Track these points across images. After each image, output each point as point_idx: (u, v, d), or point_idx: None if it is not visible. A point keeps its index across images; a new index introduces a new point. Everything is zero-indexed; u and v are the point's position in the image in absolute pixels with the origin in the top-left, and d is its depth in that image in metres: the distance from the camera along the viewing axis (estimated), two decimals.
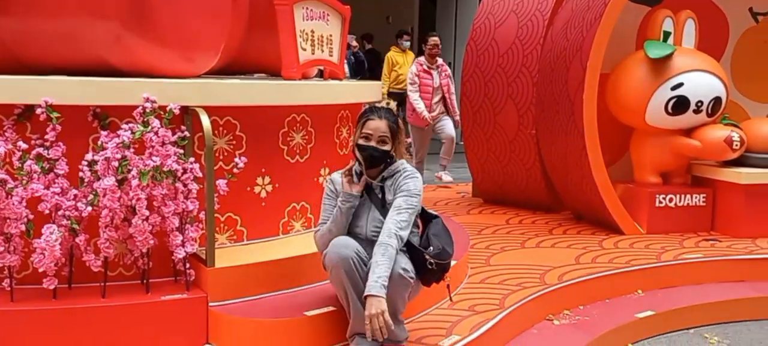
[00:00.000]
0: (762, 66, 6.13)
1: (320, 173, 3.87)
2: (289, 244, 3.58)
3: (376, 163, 3.02)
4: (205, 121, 3.04)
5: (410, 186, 2.99)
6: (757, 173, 5.26)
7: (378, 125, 3.00)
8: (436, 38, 7.25)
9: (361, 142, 3.01)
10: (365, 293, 2.76)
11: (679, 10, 5.36)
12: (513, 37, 5.99)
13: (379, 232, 2.93)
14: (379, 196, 3.04)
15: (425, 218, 3.19)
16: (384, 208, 3.02)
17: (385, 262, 2.80)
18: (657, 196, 5.38)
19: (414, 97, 7.14)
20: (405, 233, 2.89)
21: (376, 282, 2.76)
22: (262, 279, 3.25)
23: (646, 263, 4.63)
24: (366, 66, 10.98)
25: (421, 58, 7.27)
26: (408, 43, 10.23)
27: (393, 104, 3.17)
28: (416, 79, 7.13)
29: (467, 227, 5.33)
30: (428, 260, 2.94)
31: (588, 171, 5.23)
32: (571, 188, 5.66)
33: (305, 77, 4.17)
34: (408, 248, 2.95)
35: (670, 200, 5.39)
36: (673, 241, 5.18)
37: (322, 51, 4.14)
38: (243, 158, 3.23)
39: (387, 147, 3.00)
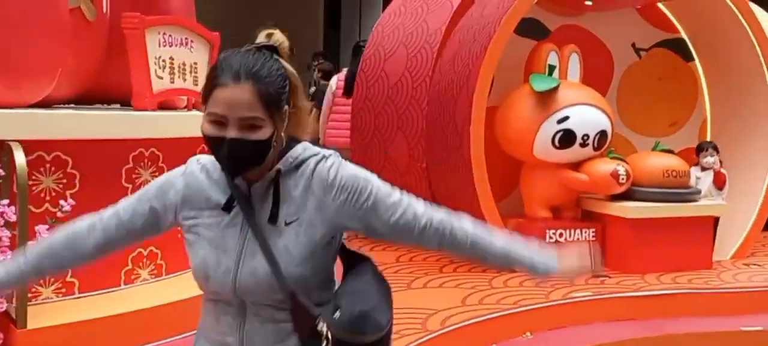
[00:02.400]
0: (646, 100, 6.20)
1: None
2: (133, 295, 3.17)
3: (243, 166, 1.54)
4: (19, 157, 2.62)
5: (350, 177, 1.59)
6: (643, 207, 5.23)
7: (233, 97, 1.47)
8: None
9: (209, 131, 1.51)
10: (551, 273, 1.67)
11: (563, 45, 5.32)
12: (402, 69, 5.81)
13: (261, 281, 1.54)
14: (269, 209, 1.56)
15: (349, 259, 1.72)
16: (276, 228, 1.55)
17: (501, 236, 1.69)
18: (547, 231, 5.26)
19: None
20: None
21: (543, 263, 1.67)
22: (97, 338, 2.82)
23: (535, 302, 4.45)
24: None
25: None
26: None
27: (278, 36, 1.61)
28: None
29: None
30: (324, 332, 1.56)
31: (477, 206, 5.05)
32: None
33: (169, 108, 3.79)
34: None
35: (560, 236, 5.28)
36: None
37: (185, 80, 3.78)
38: (70, 200, 2.81)
39: (262, 135, 1.50)
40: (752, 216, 5.86)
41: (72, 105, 3.57)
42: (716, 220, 5.54)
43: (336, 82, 6.41)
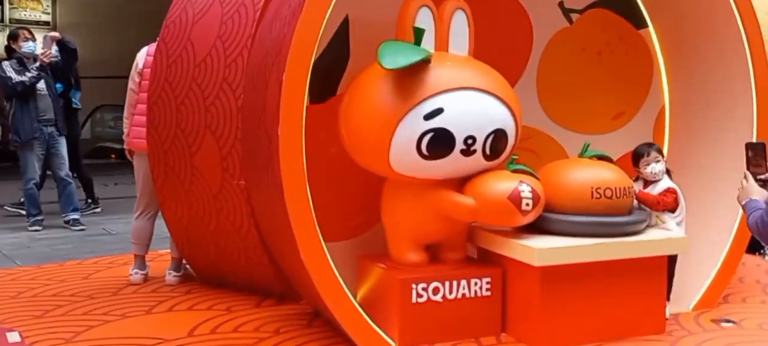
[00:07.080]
0: (579, 82, 4.40)
1: None
2: None
3: None
4: None
5: None
6: (560, 249, 3.41)
7: None
8: None
9: None
10: None
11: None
12: (214, 37, 3.93)
13: None
14: None
15: None
16: None
17: None
18: (414, 286, 3.42)
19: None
20: None
21: None
22: None
23: None
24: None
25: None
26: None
27: None
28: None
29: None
30: None
31: (295, 248, 3.22)
32: (291, 271, 3.66)
33: None
34: None
35: (435, 291, 3.45)
36: None
37: None
38: None
39: None
40: (724, 248, 4.10)
41: None
42: (672, 259, 3.77)
43: (144, 57, 4.47)
